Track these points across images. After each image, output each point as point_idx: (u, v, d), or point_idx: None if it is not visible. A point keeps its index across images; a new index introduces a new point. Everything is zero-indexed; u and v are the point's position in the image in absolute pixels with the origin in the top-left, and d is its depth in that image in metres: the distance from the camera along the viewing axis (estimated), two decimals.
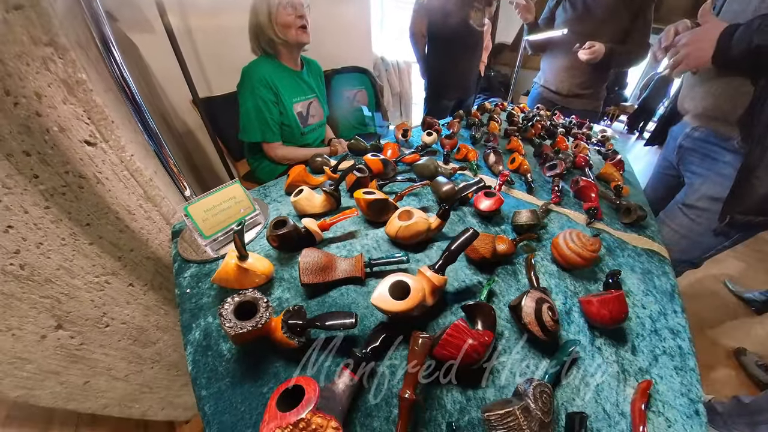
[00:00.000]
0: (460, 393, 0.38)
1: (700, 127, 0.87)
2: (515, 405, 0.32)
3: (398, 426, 0.30)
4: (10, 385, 0.56)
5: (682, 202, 0.90)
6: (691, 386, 0.44)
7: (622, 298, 0.47)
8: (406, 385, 0.32)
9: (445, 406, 0.37)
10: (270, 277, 0.52)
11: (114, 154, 0.64)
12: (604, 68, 1.49)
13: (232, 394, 0.37)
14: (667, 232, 0.92)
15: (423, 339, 0.35)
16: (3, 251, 0.51)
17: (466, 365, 0.37)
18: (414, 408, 0.32)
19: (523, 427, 0.31)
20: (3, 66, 0.47)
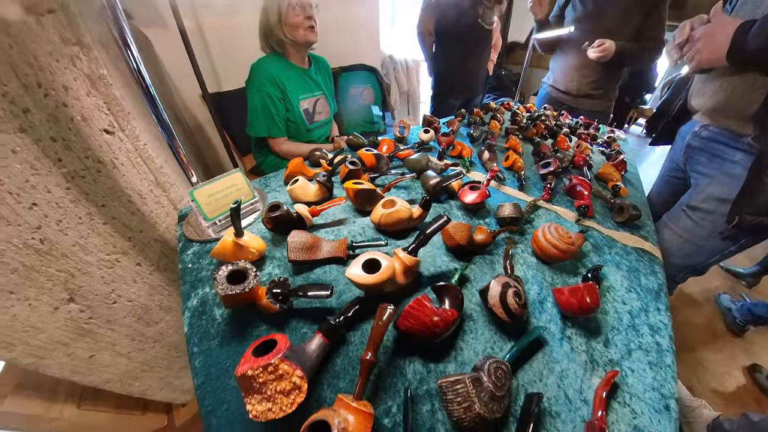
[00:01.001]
0: (422, 365, 0.43)
1: (710, 125, 0.85)
2: (467, 375, 0.36)
3: (358, 384, 0.35)
4: (24, 352, 0.64)
5: (686, 204, 0.89)
6: (665, 382, 0.46)
7: (592, 288, 0.49)
8: (368, 348, 0.37)
9: (406, 375, 0.41)
10: (263, 254, 0.59)
11: (129, 143, 0.73)
12: (615, 67, 1.48)
13: (219, 352, 0.43)
14: (670, 235, 0.91)
15: (388, 309, 0.40)
16: (27, 226, 0.59)
17: (428, 338, 0.41)
18: (372, 369, 0.36)
19: (471, 395, 0.34)
20: (36, 62, 0.55)
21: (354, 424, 0.32)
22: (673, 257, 0.91)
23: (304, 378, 0.34)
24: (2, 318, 0.59)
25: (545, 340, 0.49)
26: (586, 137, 1.35)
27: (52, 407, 0.78)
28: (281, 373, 0.33)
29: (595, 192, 0.94)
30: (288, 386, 0.33)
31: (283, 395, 0.33)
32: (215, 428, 0.36)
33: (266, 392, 0.33)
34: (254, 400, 0.33)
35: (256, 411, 0.33)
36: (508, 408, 0.40)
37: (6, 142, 0.54)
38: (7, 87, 0.53)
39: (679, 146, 1.01)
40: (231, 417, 0.37)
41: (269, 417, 0.33)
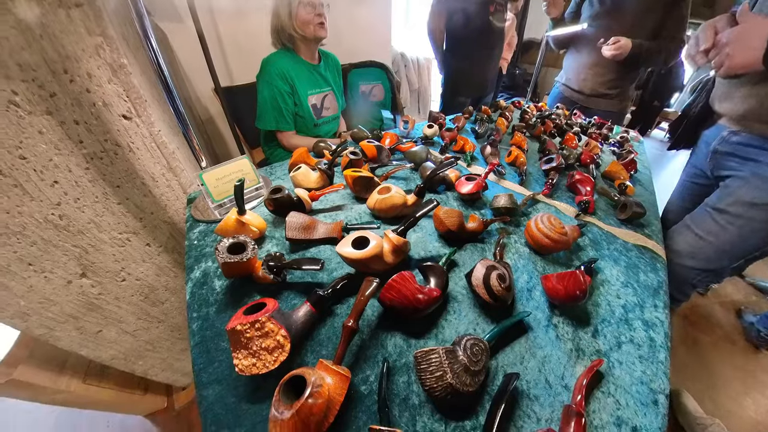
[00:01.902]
0: (403, 340, 0.45)
1: (741, 131, 0.82)
2: (442, 347, 0.38)
3: (338, 349, 0.39)
4: (37, 323, 0.70)
5: (712, 206, 0.85)
6: (656, 377, 0.46)
7: (577, 275, 0.50)
8: (350, 316, 0.40)
9: (386, 348, 0.44)
10: (263, 233, 0.63)
11: (145, 128, 0.79)
12: (631, 67, 1.45)
13: (215, 317, 0.48)
14: (691, 237, 0.88)
15: (373, 282, 0.43)
16: (48, 202, 0.66)
17: (410, 313, 0.44)
18: (353, 336, 0.39)
19: (443, 365, 0.36)
20: (64, 50, 0.62)
21: (330, 385, 0.35)
22: (692, 260, 0.89)
23: (287, 338, 0.38)
24: (20, 288, 0.65)
25: (530, 326, 0.51)
26: (597, 136, 1.35)
27: (59, 380, 0.85)
28: (267, 331, 0.37)
29: (600, 189, 0.95)
30: (272, 344, 0.37)
31: (267, 352, 0.37)
32: (205, 384, 0.40)
33: (252, 348, 0.37)
34: (241, 355, 0.37)
35: (241, 365, 0.36)
36: (484, 385, 0.42)
37: (34, 123, 0.61)
38: (37, 72, 0.59)
39: (702, 152, 0.98)
40: (220, 374, 0.41)
41: (253, 372, 0.36)
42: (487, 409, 0.38)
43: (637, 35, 1.34)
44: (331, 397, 0.33)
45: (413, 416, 0.37)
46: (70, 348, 0.77)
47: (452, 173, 0.78)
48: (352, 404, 0.38)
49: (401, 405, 0.38)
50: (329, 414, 0.32)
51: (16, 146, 0.59)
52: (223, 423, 0.36)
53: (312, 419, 0.30)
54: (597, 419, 0.41)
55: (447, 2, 1.57)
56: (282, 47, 1.17)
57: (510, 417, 0.39)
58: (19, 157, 0.60)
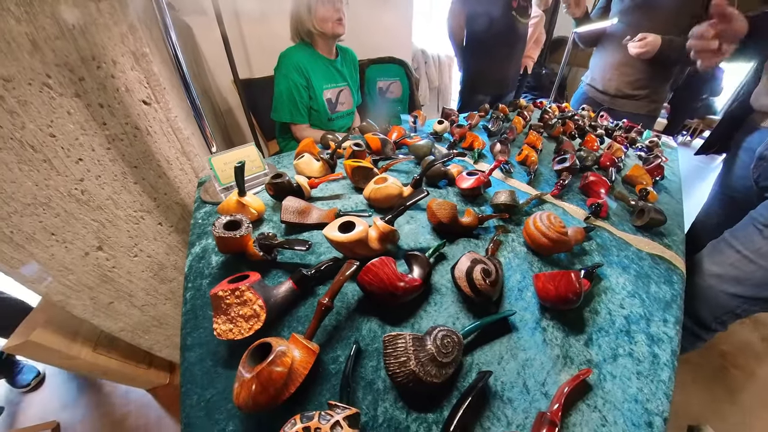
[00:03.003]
0: (379, 326, 0.46)
1: None
2: (410, 333, 0.38)
3: (310, 325, 0.40)
4: (55, 289, 0.77)
5: (762, 221, 0.74)
6: (654, 397, 0.43)
7: (571, 276, 0.49)
8: (326, 294, 0.42)
9: (361, 331, 0.46)
10: (262, 215, 0.67)
11: (162, 114, 0.85)
12: (662, 66, 1.36)
13: (207, 289, 0.51)
14: (735, 258, 0.78)
15: (354, 265, 0.45)
16: (72, 178, 0.72)
17: (387, 298, 0.45)
18: (326, 313, 0.41)
19: (408, 352, 0.36)
20: (92, 39, 0.68)
21: (297, 358, 0.36)
22: (738, 285, 0.78)
23: (263, 308, 0.40)
24: (42, 256, 0.73)
25: (515, 327, 0.50)
26: (622, 140, 1.30)
27: (71, 346, 0.93)
28: (245, 299, 0.40)
29: (617, 194, 0.91)
30: (249, 312, 0.40)
31: (244, 320, 0.39)
32: (189, 346, 0.43)
33: (230, 314, 0.39)
34: (220, 320, 0.40)
35: (219, 330, 0.39)
36: (455, 381, 0.41)
37: (64, 105, 0.68)
38: (68, 58, 0.66)
39: (743, 160, 0.91)
40: (203, 340, 0.44)
41: (229, 337, 0.39)
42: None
43: (671, 32, 1.26)
44: (295, 369, 0.35)
45: (376, 400, 0.38)
46: (84, 316, 0.84)
47: (455, 168, 0.78)
48: (319, 380, 0.40)
49: (366, 388, 0.39)
50: (290, 384, 0.34)
51: (47, 125, 0.66)
52: (198, 383, 0.39)
53: (271, 384, 0.32)
54: (575, 430, 0.39)
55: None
56: (300, 41, 1.22)
57: (478, 416, 0.38)
58: (49, 135, 0.67)
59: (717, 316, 0.84)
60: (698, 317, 0.86)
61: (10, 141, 0.62)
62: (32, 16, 0.58)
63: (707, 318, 0.85)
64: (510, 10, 1.50)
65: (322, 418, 0.30)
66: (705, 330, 0.88)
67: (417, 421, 0.37)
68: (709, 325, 0.86)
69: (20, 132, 0.63)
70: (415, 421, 0.37)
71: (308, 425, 0.29)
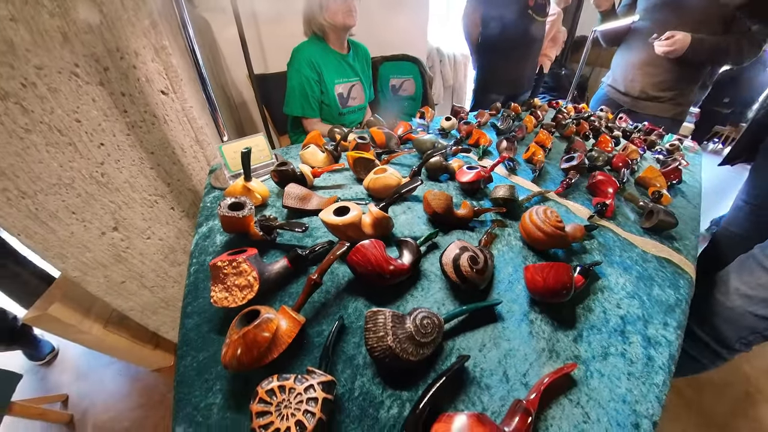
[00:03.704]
0: (365, 305, 0.49)
1: None
2: (391, 310, 0.39)
3: (299, 298, 0.44)
4: (73, 265, 0.84)
5: None
6: (644, 399, 0.42)
7: (561, 268, 0.48)
8: (316, 271, 0.45)
9: (347, 309, 0.48)
10: (266, 201, 0.72)
11: (179, 104, 0.91)
12: (691, 66, 1.32)
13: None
14: (765, 278, 0.75)
15: (345, 245, 0.48)
16: (94, 161, 0.79)
17: (374, 279, 0.47)
18: (315, 288, 0.44)
19: (387, 327, 0.37)
20: (117, 32, 0.74)
21: (283, 327, 0.39)
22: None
23: (257, 280, 0.44)
24: (63, 233, 0.79)
25: (502, 317, 0.50)
26: (640, 142, 1.27)
27: (84, 321, 1.00)
28: (241, 270, 0.43)
29: (627, 195, 0.91)
30: (244, 282, 0.43)
31: (238, 289, 0.43)
32: (188, 314, 0.47)
33: (227, 283, 0.43)
34: (217, 288, 0.43)
35: (216, 297, 0.43)
36: (433, 363, 0.42)
37: (89, 92, 0.74)
38: (95, 49, 0.72)
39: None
40: (201, 308, 0.48)
41: (224, 304, 0.43)
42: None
43: (700, 30, 1.21)
44: (280, 336, 0.38)
45: (354, 375, 0.40)
46: (97, 293, 0.91)
47: (456, 163, 0.80)
48: (302, 351, 0.42)
49: (346, 362, 0.42)
50: (274, 349, 0.37)
51: (73, 110, 0.73)
52: (193, 345, 0.42)
53: (255, 346, 0.35)
54: (554, 426, 0.38)
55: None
56: (312, 35, 1.27)
57: (453, 399, 0.39)
58: (75, 120, 0.74)
59: (742, 336, 0.81)
60: (720, 335, 0.83)
61: (39, 125, 0.69)
62: (64, 11, 0.65)
63: (731, 338, 0.82)
64: (527, 8, 1.50)
65: (297, 380, 0.32)
66: (727, 349, 0.84)
67: (392, 398, 0.38)
68: (732, 345, 0.82)
69: (49, 116, 0.70)
70: (390, 397, 0.38)
71: (283, 384, 0.31)
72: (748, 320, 0.77)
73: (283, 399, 0.30)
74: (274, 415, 0.29)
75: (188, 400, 0.37)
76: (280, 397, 0.30)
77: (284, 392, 0.31)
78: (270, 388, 0.31)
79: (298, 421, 0.28)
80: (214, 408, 0.37)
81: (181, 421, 0.36)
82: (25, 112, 0.67)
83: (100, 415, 1.15)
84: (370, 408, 0.37)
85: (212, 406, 0.37)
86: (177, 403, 0.37)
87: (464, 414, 0.32)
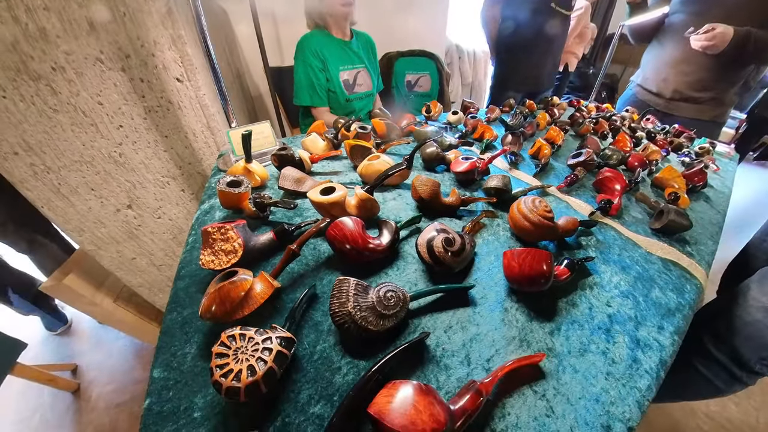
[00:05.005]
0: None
1: None
2: (355, 280, 0.42)
3: (277, 265, 0.48)
4: (89, 239, 0.93)
5: None
6: (621, 402, 0.41)
7: (538, 255, 0.48)
8: (296, 242, 0.49)
9: (323, 280, 0.52)
10: (265, 182, 0.78)
11: (192, 91, 0.99)
12: (733, 63, 1.24)
13: None
14: None
15: (325, 220, 0.52)
16: (113, 141, 0.88)
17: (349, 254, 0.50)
18: (292, 258, 0.49)
19: (349, 294, 0.41)
20: (138, 21, 0.83)
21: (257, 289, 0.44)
22: None
23: (242, 246, 0.49)
24: (82, 207, 0.89)
25: (475, 302, 0.51)
26: (663, 143, 1.23)
27: (96, 294, 1.10)
28: (228, 237, 0.48)
29: (639, 195, 0.89)
30: (229, 248, 0.48)
31: (224, 254, 0.48)
32: (181, 276, 0.53)
33: (215, 248, 0.48)
34: (206, 252, 0.49)
35: (204, 260, 0.48)
36: (395, 337, 0.45)
37: (112, 77, 0.83)
38: (118, 37, 0.81)
39: None
40: (192, 272, 0.54)
41: (211, 267, 0.48)
42: None
43: (744, 23, 1.13)
44: (253, 296, 0.42)
45: (318, 339, 0.44)
46: (110, 267, 1.00)
47: (453, 154, 0.82)
48: (275, 314, 0.47)
49: (312, 327, 0.45)
50: (246, 306, 0.41)
51: (96, 93, 0.82)
52: (180, 303, 0.48)
53: (228, 300, 0.40)
54: (512, 415, 0.38)
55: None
56: (315, 27, 1.34)
57: (408, 374, 0.41)
58: (98, 103, 0.83)
59: (763, 356, 0.74)
60: (738, 355, 0.78)
61: (66, 105, 0.78)
62: (91, 1, 0.73)
63: (750, 357, 0.76)
64: (549, 2, 1.48)
65: (258, 333, 0.36)
66: (746, 372, 0.78)
67: (349, 365, 0.41)
68: (752, 367, 0.77)
69: (75, 98, 0.79)
70: (348, 364, 0.42)
71: (244, 333, 0.36)
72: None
73: (242, 345, 0.34)
74: (230, 358, 0.33)
75: (168, 348, 0.43)
76: (240, 343, 0.35)
77: (244, 340, 0.35)
78: (231, 334, 0.35)
79: (250, 366, 0.32)
80: (189, 356, 0.42)
81: (159, 365, 0.41)
82: (54, 94, 0.76)
83: (105, 386, 1.26)
84: (327, 372, 0.41)
85: (187, 355, 0.42)
86: (158, 350, 0.42)
87: (411, 383, 0.33)
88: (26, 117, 0.74)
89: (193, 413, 0.37)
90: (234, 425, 0.35)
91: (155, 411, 0.37)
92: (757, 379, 0.80)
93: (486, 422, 0.37)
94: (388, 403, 0.30)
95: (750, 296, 0.78)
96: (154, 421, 0.36)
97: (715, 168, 1.20)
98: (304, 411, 0.36)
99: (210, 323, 0.44)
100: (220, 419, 0.36)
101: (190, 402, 0.37)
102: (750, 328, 0.75)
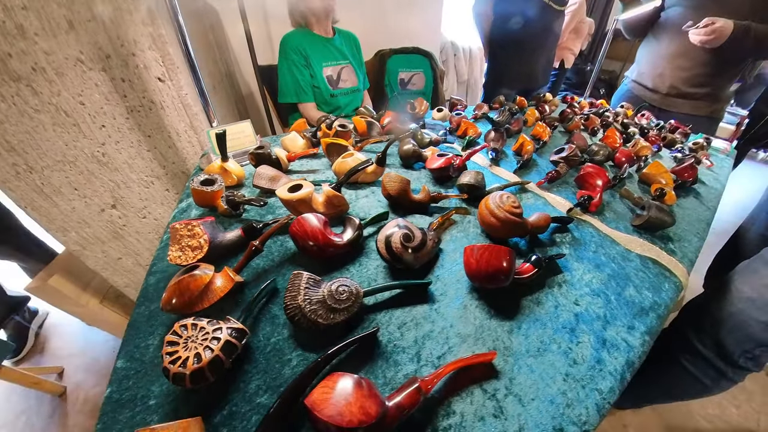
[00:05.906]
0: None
1: None
2: (309, 274, 0.44)
3: (240, 261, 0.51)
4: (74, 239, 0.96)
5: None
6: (579, 404, 0.40)
7: (497, 251, 0.49)
8: (259, 238, 0.52)
9: (285, 276, 0.54)
10: (241, 181, 0.80)
11: (174, 91, 1.02)
12: (732, 58, 1.25)
13: None
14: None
15: (290, 217, 0.54)
16: (96, 141, 0.91)
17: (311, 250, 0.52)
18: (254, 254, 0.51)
19: (300, 288, 0.43)
20: (117, 21, 0.86)
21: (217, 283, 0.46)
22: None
23: (207, 242, 0.51)
24: (65, 207, 0.92)
25: (433, 299, 0.52)
26: (655, 139, 1.24)
27: (82, 295, 1.13)
28: (195, 233, 0.51)
29: (623, 191, 0.89)
30: (195, 244, 0.51)
31: (191, 249, 0.51)
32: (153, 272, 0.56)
33: (182, 243, 0.51)
34: (174, 248, 0.51)
35: (172, 256, 0.51)
36: (347, 332, 0.46)
37: (93, 77, 0.86)
38: (97, 37, 0.84)
39: None
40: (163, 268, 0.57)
41: (178, 262, 0.50)
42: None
43: (745, 17, 1.14)
44: (213, 289, 0.45)
45: (272, 331, 0.46)
46: (95, 268, 1.03)
47: (430, 151, 0.84)
48: (236, 307, 0.49)
49: (269, 320, 0.48)
50: (205, 299, 0.44)
51: (78, 94, 0.85)
52: (149, 298, 0.51)
53: (187, 292, 0.42)
54: (457, 412, 0.39)
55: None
56: (298, 26, 1.38)
57: (356, 370, 0.42)
58: (79, 103, 0.86)
59: (746, 349, 0.75)
60: (722, 348, 0.79)
61: (48, 105, 0.81)
62: (70, 0, 0.76)
63: (734, 350, 0.77)
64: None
65: (210, 323, 0.39)
66: (731, 366, 0.79)
67: (299, 357, 0.43)
68: (736, 360, 0.77)
69: (56, 98, 0.82)
70: (298, 356, 0.44)
71: (196, 323, 0.38)
72: (752, 328, 0.73)
73: (193, 334, 0.37)
74: (180, 346, 0.35)
75: (132, 340, 0.45)
76: (191, 332, 0.37)
77: (195, 329, 0.37)
78: (184, 324, 0.37)
79: (197, 354, 0.35)
80: (151, 347, 0.44)
81: (123, 356, 0.43)
82: (35, 94, 0.79)
83: (91, 389, 1.29)
84: (278, 363, 0.43)
85: (150, 346, 0.44)
86: (123, 342, 0.45)
87: (351, 377, 0.34)
88: (7, 117, 0.77)
89: (149, 401, 0.39)
90: (184, 412, 0.37)
91: (114, 399, 0.39)
92: (743, 375, 0.81)
93: (429, 420, 0.38)
94: (324, 394, 0.32)
95: (733, 288, 0.79)
96: (113, 408, 0.39)
97: (708, 164, 1.20)
98: (251, 401, 0.39)
99: (175, 317, 0.47)
100: (173, 406, 0.38)
101: (147, 390, 0.40)
102: (733, 320, 0.76)
